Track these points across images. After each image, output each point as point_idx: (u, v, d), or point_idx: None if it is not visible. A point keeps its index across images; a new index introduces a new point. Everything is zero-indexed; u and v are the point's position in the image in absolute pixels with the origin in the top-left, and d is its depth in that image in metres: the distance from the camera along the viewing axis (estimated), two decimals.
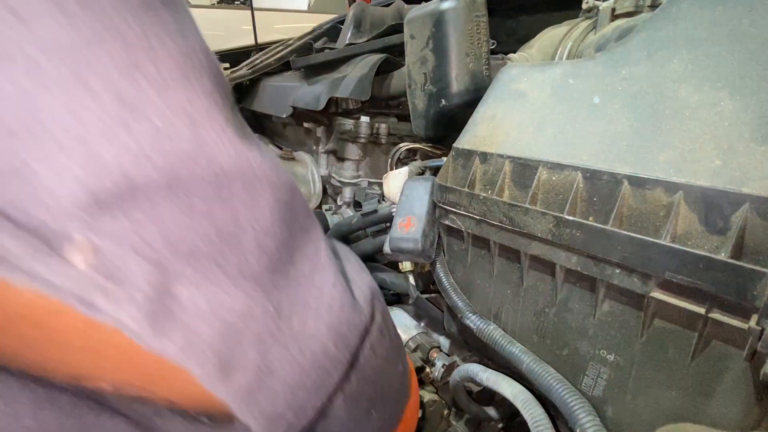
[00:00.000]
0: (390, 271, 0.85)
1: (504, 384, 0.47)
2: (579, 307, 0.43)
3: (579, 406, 0.40)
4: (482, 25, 0.63)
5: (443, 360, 0.66)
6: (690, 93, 0.37)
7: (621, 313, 0.40)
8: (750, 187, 0.31)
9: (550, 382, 0.42)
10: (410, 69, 0.69)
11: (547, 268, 0.45)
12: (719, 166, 0.33)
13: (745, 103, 0.34)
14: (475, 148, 0.51)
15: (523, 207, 0.43)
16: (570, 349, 0.45)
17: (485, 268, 0.52)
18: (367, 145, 1.14)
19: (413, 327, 0.73)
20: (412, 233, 0.56)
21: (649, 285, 0.36)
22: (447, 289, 0.56)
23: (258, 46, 2.11)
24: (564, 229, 0.40)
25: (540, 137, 0.46)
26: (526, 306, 0.48)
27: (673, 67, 0.39)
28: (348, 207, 1.16)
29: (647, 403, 0.39)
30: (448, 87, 0.63)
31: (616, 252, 0.36)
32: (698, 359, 0.35)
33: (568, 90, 0.46)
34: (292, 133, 1.46)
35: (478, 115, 0.54)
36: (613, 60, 0.44)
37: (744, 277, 0.30)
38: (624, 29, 0.54)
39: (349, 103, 1.09)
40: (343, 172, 1.17)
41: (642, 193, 0.37)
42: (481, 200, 0.48)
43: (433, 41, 0.64)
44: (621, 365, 0.41)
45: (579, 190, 0.41)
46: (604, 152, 0.40)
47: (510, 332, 0.50)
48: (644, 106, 0.40)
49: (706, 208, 0.33)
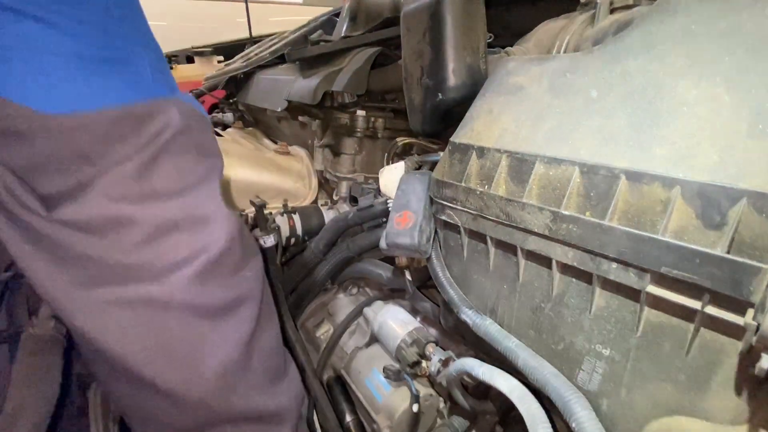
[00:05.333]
0: (386, 266, 0.85)
1: (500, 378, 0.47)
2: (575, 302, 0.43)
3: (575, 400, 0.40)
4: (479, 18, 0.62)
5: (439, 354, 0.66)
6: (688, 88, 0.37)
7: (617, 307, 0.40)
8: (747, 183, 0.31)
9: (545, 377, 0.43)
10: (406, 62, 0.69)
11: (543, 263, 0.45)
12: (716, 162, 0.33)
13: (742, 98, 0.34)
14: (472, 142, 0.51)
15: (520, 202, 0.43)
16: (566, 344, 0.45)
17: (482, 263, 0.52)
18: (363, 139, 1.13)
19: (409, 322, 0.73)
20: (408, 228, 0.56)
21: (645, 280, 0.36)
22: (443, 284, 0.55)
23: (252, 39, 2.09)
24: (560, 224, 0.40)
25: (537, 131, 0.45)
26: (522, 301, 0.48)
27: (671, 61, 0.39)
28: (344, 202, 1.16)
29: (642, 397, 0.40)
30: (445, 80, 0.63)
31: (612, 247, 0.36)
32: (693, 354, 0.36)
33: (566, 84, 0.46)
34: (287, 127, 1.45)
35: (475, 109, 0.54)
36: (611, 54, 0.44)
37: (740, 272, 0.30)
38: (622, 23, 0.54)
39: (345, 96, 1.09)
40: (339, 167, 1.16)
41: (639, 188, 0.36)
42: (477, 195, 0.48)
43: (429, 34, 0.63)
44: (616, 360, 0.41)
45: (576, 184, 0.40)
46: (601, 147, 0.40)
47: (506, 327, 0.51)
48: (642, 100, 0.39)
49: (703, 203, 0.33)
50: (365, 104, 1.09)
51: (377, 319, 0.76)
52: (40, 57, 0.34)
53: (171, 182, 0.41)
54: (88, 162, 0.36)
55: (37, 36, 0.33)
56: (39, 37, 0.33)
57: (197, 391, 0.43)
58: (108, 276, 0.39)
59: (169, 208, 0.41)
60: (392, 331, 0.72)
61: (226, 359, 0.44)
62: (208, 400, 0.43)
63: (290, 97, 1.13)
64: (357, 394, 0.78)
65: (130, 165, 0.38)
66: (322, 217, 1.07)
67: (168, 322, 0.41)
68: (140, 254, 0.39)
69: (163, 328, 0.41)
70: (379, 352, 0.80)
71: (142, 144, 0.39)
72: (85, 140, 0.36)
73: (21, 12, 0.32)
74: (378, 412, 0.73)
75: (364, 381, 0.77)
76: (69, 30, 0.34)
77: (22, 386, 0.76)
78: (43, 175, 0.36)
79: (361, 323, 0.87)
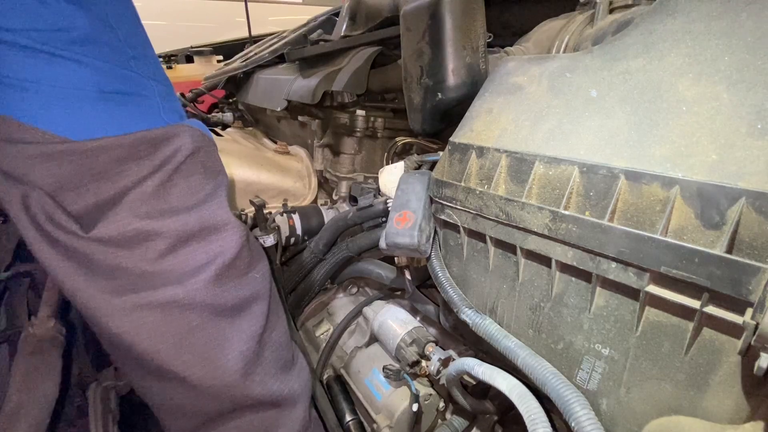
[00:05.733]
0: (386, 266, 0.85)
1: (499, 378, 0.47)
2: (574, 301, 0.43)
3: (574, 399, 0.40)
4: (479, 18, 0.62)
5: (439, 354, 0.66)
6: (687, 87, 0.37)
7: (616, 307, 0.40)
8: (746, 182, 0.31)
9: (545, 376, 0.43)
10: (406, 62, 0.69)
11: (543, 263, 0.45)
12: (716, 161, 0.33)
13: (742, 97, 0.34)
14: (472, 142, 0.51)
15: (520, 201, 0.43)
16: (565, 343, 0.45)
17: (481, 263, 0.52)
18: (363, 139, 1.13)
19: (409, 321, 0.73)
20: (408, 228, 0.56)
21: (644, 279, 0.36)
22: (443, 284, 0.55)
23: (252, 39, 2.09)
24: (560, 223, 0.40)
25: (537, 131, 0.45)
26: (522, 300, 0.48)
27: (671, 60, 0.39)
28: (344, 202, 1.15)
29: (641, 396, 0.40)
30: (445, 80, 0.63)
31: (611, 246, 0.36)
32: (692, 353, 0.36)
33: (565, 83, 0.46)
34: (286, 126, 1.45)
35: (475, 109, 0.54)
36: (611, 53, 0.44)
37: (739, 271, 0.30)
38: (621, 23, 0.54)
39: (345, 96, 1.09)
40: (339, 167, 1.16)
41: (638, 187, 0.36)
42: (477, 195, 0.48)
43: (429, 34, 0.63)
44: (616, 359, 0.41)
45: (575, 184, 0.40)
46: (600, 146, 0.40)
47: (505, 326, 0.51)
48: (641, 100, 0.39)
49: (702, 203, 0.33)
50: (365, 104, 1.09)
51: (377, 319, 0.76)
52: (67, 91, 0.40)
53: (185, 199, 0.47)
54: (110, 181, 0.43)
55: (66, 73, 0.40)
56: (67, 74, 0.40)
57: (221, 380, 0.49)
58: (138, 283, 0.45)
59: (186, 221, 0.47)
60: (392, 330, 0.72)
61: (244, 351, 0.50)
62: (230, 388, 0.49)
63: (290, 96, 1.13)
64: (357, 393, 0.78)
65: (149, 184, 0.44)
66: (321, 217, 1.07)
67: (192, 321, 0.47)
68: (164, 262, 0.45)
69: (188, 325, 0.47)
70: (378, 351, 0.80)
71: (157, 165, 0.45)
72: (107, 161, 0.42)
73: (54, 54, 0.39)
74: (378, 412, 0.73)
75: (364, 380, 0.77)
76: (92, 68, 0.41)
77: (21, 386, 0.76)
78: (71, 193, 0.42)
79: (361, 323, 0.87)
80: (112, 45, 0.42)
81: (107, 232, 0.43)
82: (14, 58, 0.38)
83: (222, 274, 0.49)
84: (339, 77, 1.01)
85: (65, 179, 0.41)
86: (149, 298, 0.45)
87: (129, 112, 0.44)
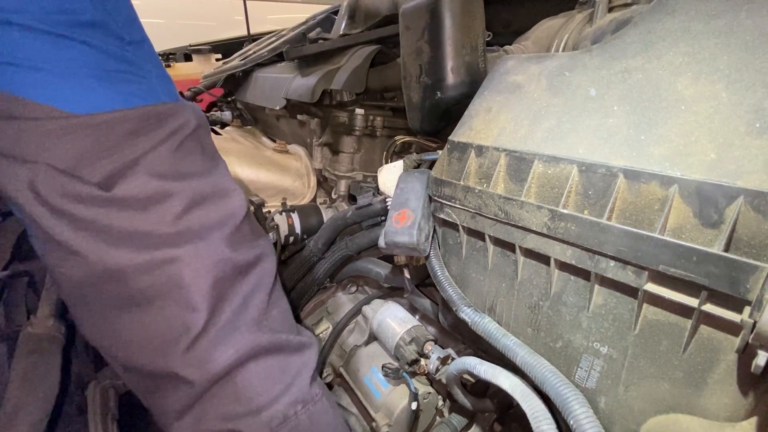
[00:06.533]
0: (385, 265, 0.85)
1: (502, 377, 0.47)
2: (573, 300, 0.43)
3: (573, 397, 0.40)
4: (478, 16, 0.62)
5: (438, 353, 0.66)
6: (686, 86, 0.37)
7: (615, 305, 0.40)
8: (744, 181, 0.31)
9: (544, 374, 0.43)
10: (405, 60, 0.69)
11: (541, 262, 0.45)
12: (714, 160, 0.33)
13: (741, 96, 0.34)
14: (471, 141, 0.51)
15: (519, 200, 0.43)
16: (564, 342, 0.45)
17: (480, 262, 0.52)
18: (362, 137, 1.13)
19: (408, 320, 0.73)
20: (407, 227, 0.56)
21: (642, 278, 0.36)
22: (442, 282, 0.56)
23: (251, 37, 2.09)
24: (559, 222, 0.40)
25: (536, 130, 0.45)
26: (521, 299, 0.48)
27: (670, 59, 0.39)
28: (343, 200, 1.16)
29: (640, 394, 0.40)
30: (444, 79, 0.63)
31: (610, 245, 0.37)
32: (690, 351, 0.36)
33: (564, 82, 0.46)
34: (285, 125, 1.45)
35: (474, 108, 0.54)
36: (610, 52, 0.44)
37: (737, 270, 0.30)
38: (620, 21, 0.54)
39: (344, 95, 1.08)
40: (338, 165, 1.16)
41: (637, 186, 0.37)
42: (476, 193, 0.48)
43: (428, 32, 0.63)
44: (614, 357, 0.41)
45: (574, 183, 0.40)
46: (599, 145, 0.40)
47: (504, 325, 0.51)
48: (640, 98, 0.39)
49: (701, 202, 0.33)
50: (364, 102, 1.09)
51: (376, 318, 0.76)
52: (76, 70, 0.43)
53: (195, 166, 0.51)
54: (125, 151, 0.45)
55: (74, 54, 0.43)
56: (75, 54, 0.43)
57: (244, 325, 0.52)
58: (159, 244, 0.47)
59: (199, 184, 0.50)
60: (391, 329, 0.72)
61: (258, 303, 0.54)
62: (252, 333, 0.53)
63: (289, 95, 1.12)
64: (356, 392, 0.78)
65: (162, 149, 0.47)
66: (320, 216, 1.07)
67: (214, 273, 0.50)
68: (181, 222, 0.48)
69: (211, 277, 0.50)
70: (378, 350, 0.80)
71: (167, 134, 0.48)
72: (120, 133, 0.45)
73: (62, 35, 0.41)
74: (377, 410, 0.73)
75: (363, 379, 0.78)
76: (97, 49, 0.44)
77: (20, 385, 0.76)
78: (89, 168, 0.44)
79: (360, 321, 0.88)
80: (111, 29, 0.45)
81: (128, 191, 0.45)
82: (24, 40, 0.40)
83: (233, 233, 0.53)
84: (338, 76, 1.01)
85: (83, 152, 0.43)
86: (172, 254, 0.47)
87: (132, 90, 0.46)
